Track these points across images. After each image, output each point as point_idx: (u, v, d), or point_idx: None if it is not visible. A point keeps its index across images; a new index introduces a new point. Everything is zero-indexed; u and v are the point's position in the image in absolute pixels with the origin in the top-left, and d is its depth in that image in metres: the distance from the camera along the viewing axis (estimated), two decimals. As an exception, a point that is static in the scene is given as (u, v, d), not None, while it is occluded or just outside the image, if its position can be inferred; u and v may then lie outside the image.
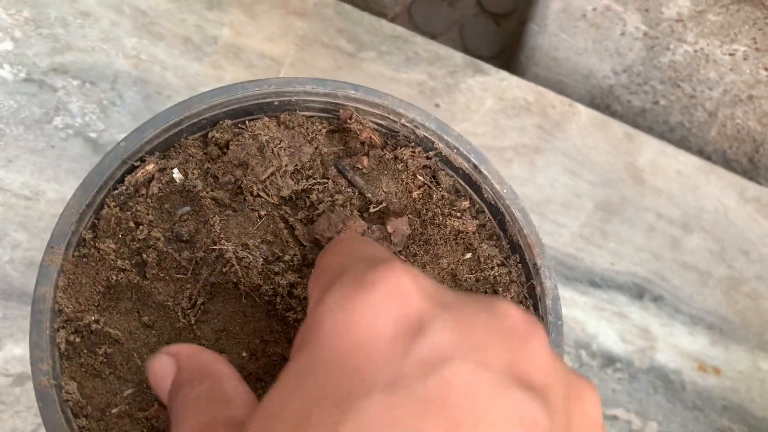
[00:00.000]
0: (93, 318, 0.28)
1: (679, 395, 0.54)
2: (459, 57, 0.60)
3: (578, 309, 0.54)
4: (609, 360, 0.54)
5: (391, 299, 0.19)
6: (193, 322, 0.30)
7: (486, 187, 0.34)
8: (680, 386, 0.54)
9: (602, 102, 0.71)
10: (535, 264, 0.33)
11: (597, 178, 0.59)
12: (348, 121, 0.33)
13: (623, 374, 0.54)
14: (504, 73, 0.61)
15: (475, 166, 0.34)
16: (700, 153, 0.70)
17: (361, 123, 0.34)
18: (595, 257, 0.56)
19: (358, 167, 0.34)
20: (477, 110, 0.59)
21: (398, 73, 0.58)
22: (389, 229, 0.33)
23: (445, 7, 0.89)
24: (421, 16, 0.88)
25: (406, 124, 0.34)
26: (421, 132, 0.34)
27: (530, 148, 0.59)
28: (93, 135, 0.51)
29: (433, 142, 0.34)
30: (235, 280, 0.30)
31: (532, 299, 0.33)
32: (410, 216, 0.34)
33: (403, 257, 0.33)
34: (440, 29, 0.88)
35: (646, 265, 0.57)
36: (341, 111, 0.34)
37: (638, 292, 0.56)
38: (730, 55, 0.58)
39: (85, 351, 0.28)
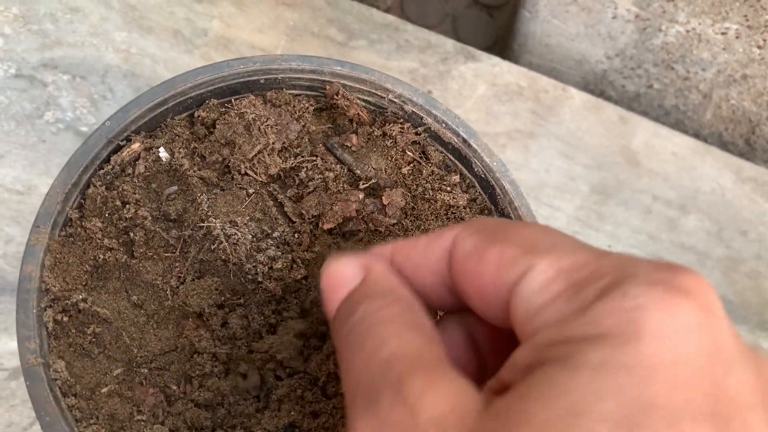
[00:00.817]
0: (81, 297, 0.28)
1: (680, 376, 0.54)
2: (450, 44, 0.60)
3: (576, 292, 0.54)
4: (608, 342, 0.53)
5: None
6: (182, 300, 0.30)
7: (476, 160, 0.34)
8: (681, 367, 0.54)
9: (596, 88, 0.71)
10: (526, 236, 0.33)
11: (591, 161, 0.58)
12: (335, 97, 0.33)
13: (623, 356, 0.53)
14: (496, 59, 0.60)
15: (465, 140, 0.34)
16: (696, 136, 0.70)
17: (347, 99, 0.33)
18: (591, 240, 0.56)
19: (347, 145, 0.34)
20: (469, 96, 0.59)
21: (389, 61, 0.58)
22: (384, 200, 0.32)
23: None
24: (413, 8, 0.88)
25: (394, 99, 0.34)
26: (409, 107, 0.34)
27: (524, 133, 0.58)
28: (84, 129, 0.51)
29: (421, 118, 0.34)
30: (224, 257, 0.30)
31: (525, 271, 0.33)
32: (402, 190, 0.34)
33: (398, 232, 0.33)
34: (433, 22, 0.88)
35: (643, 247, 0.57)
36: (327, 87, 0.33)
37: (636, 274, 0.56)
38: (722, 34, 0.58)
39: (74, 330, 0.28)
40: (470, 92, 0.59)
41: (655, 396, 0.14)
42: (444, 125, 0.34)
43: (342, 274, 0.22)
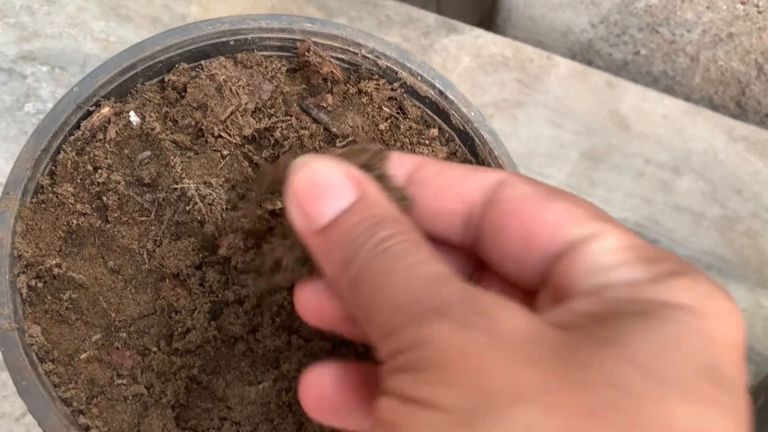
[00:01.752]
0: (54, 262, 0.28)
1: (681, 337, 0.53)
2: (432, 18, 0.60)
3: (571, 257, 0.53)
4: (607, 306, 0.53)
5: None
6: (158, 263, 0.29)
7: (453, 112, 0.33)
8: (682, 328, 0.53)
9: (583, 58, 0.70)
10: (508, 183, 0.32)
11: (581, 127, 0.58)
12: (306, 53, 0.33)
13: (622, 320, 0.53)
14: (479, 31, 0.60)
15: (441, 92, 0.33)
16: (687, 100, 0.69)
17: (320, 56, 0.33)
18: (584, 205, 0.55)
19: (322, 105, 0.34)
20: (454, 69, 0.58)
21: (371, 37, 0.58)
22: None
23: (421, -17, 0.88)
24: (396, -6, 0.87)
25: (367, 55, 0.34)
26: (383, 62, 0.34)
27: (511, 103, 0.58)
28: (66, 118, 0.50)
29: (396, 72, 0.34)
30: (199, 218, 0.30)
31: (508, 219, 0.32)
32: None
33: None
34: (418, 3, 0.87)
35: (637, 210, 0.56)
36: (299, 45, 0.33)
37: (631, 237, 0.55)
38: (705, -8, 0.58)
39: (49, 297, 0.28)
40: (454, 65, 0.58)
41: (721, 363, 0.17)
42: (419, 78, 0.34)
43: (326, 181, 0.20)
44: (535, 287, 0.21)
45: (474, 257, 0.23)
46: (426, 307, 0.17)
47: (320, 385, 0.21)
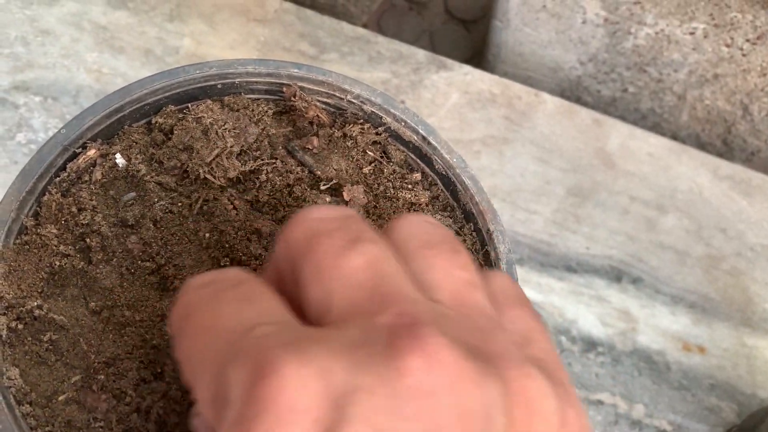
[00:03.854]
0: (35, 304, 0.28)
1: (664, 376, 0.53)
2: (422, 54, 0.61)
3: (555, 295, 0.54)
4: (590, 344, 0.53)
5: None
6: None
7: (436, 158, 0.34)
8: (665, 367, 0.54)
9: (572, 94, 0.71)
10: (488, 230, 0.33)
11: (567, 164, 0.59)
12: (293, 98, 0.33)
13: (606, 358, 0.53)
14: (467, 68, 0.61)
15: (424, 138, 0.34)
16: (674, 138, 0.70)
17: (305, 101, 0.33)
18: (569, 242, 0.56)
19: (308, 147, 0.34)
20: (443, 105, 0.59)
21: (362, 72, 0.59)
22: (346, 196, 0.32)
23: (414, 15, 0.90)
24: (390, 25, 0.88)
25: (353, 100, 0.34)
26: (368, 107, 0.34)
27: (498, 139, 0.59)
28: (56, 149, 0.51)
29: (381, 117, 0.34)
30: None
31: (488, 265, 0.33)
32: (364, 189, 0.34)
33: None
34: (410, 38, 0.89)
35: (622, 247, 0.57)
36: (285, 89, 0.34)
37: (616, 275, 0.55)
38: (691, 34, 0.59)
39: (30, 338, 0.28)
40: (443, 101, 0.59)
41: None
42: (403, 124, 0.34)
43: None
44: None
45: None
46: None
47: None
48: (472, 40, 0.89)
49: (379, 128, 0.35)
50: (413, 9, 0.90)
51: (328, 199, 0.33)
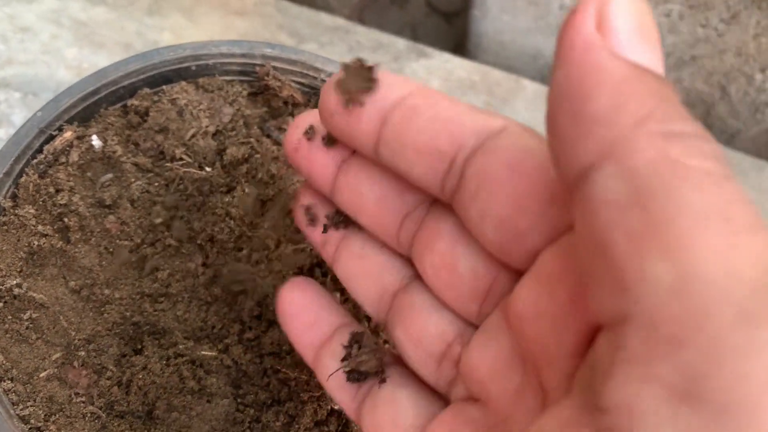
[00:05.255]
0: (15, 282, 0.28)
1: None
2: (402, 43, 0.61)
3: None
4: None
5: None
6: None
7: (410, 133, 0.34)
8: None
9: (552, 81, 0.72)
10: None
11: (548, 147, 0.59)
12: (266, 77, 0.34)
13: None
14: (447, 55, 0.61)
15: (398, 114, 0.34)
16: (654, 121, 0.71)
17: (279, 79, 0.34)
18: (552, 224, 0.56)
19: (283, 128, 0.35)
20: (423, 92, 0.59)
21: (342, 62, 0.59)
22: None
23: (396, 9, 0.90)
24: (372, 19, 0.89)
25: (326, 78, 0.35)
26: (342, 86, 0.35)
27: (479, 125, 0.59)
28: (38, 143, 0.51)
29: (354, 95, 0.35)
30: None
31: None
32: None
33: None
34: (392, 31, 0.89)
35: (604, 228, 0.57)
36: (258, 69, 0.34)
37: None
38: (666, 16, 0.59)
39: (10, 317, 0.28)
40: (423, 88, 0.60)
41: None
42: (377, 101, 0.35)
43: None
44: (522, 264, 0.18)
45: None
46: None
47: (300, 291, 0.23)
48: (453, 32, 0.90)
49: (354, 106, 0.35)
50: (395, 2, 0.90)
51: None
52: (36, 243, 0.29)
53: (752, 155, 0.64)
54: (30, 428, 0.26)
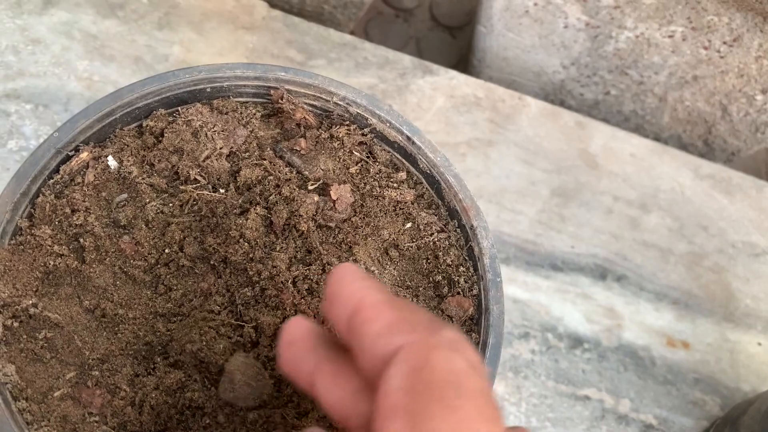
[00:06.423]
0: (31, 302, 0.29)
1: (649, 371, 0.54)
2: (408, 60, 0.62)
3: (541, 293, 0.55)
4: (576, 341, 0.54)
5: None
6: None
7: (420, 157, 0.35)
8: (650, 362, 0.55)
9: (556, 98, 0.72)
10: (471, 226, 0.33)
11: (551, 165, 0.60)
12: (280, 101, 0.34)
13: (592, 354, 0.54)
14: (453, 72, 0.62)
15: (408, 138, 0.35)
16: (657, 139, 0.72)
17: (293, 103, 0.34)
18: (554, 241, 0.57)
19: (296, 149, 0.35)
20: (429, 109, 0.60)
21: (349, 78, 0.59)
22: (333, 195, 0.33)
23: (401, 23, 0.91)
24: (377, 33, 0.90)
25: (339, 102, 0.35)
26: (354, 109, 0.35)
27: (483, 142, 0.60)
28: (48, 155, 0.51)
29: (366, 119, 0.35)
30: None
31: (472, 260, 0.33)
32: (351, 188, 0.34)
33: (348, 228, 0.34)
34: (397, 45, 0.90)
35: (606, 246, 0.58)
36: (273, 92, 0.35)
37: (601, 273, 0.56)
38: (669, 37, 0.60)
39: (25, 336, 0.29)
40: (429, 105, 0.60)
41: None
42: (388, 125, 0.35)
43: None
44: None
45: None
46: None
47: (298, 328, 0.24)
48: (457, 46, 0.91)
49: (365, 129, 0.35)
50: (399, 16, 0.91)
51: (316, 198, 0.33)
52: (51, 263, 0.30)
53: (752, 174, 0.64)
54: (45, 448, 0.27)
